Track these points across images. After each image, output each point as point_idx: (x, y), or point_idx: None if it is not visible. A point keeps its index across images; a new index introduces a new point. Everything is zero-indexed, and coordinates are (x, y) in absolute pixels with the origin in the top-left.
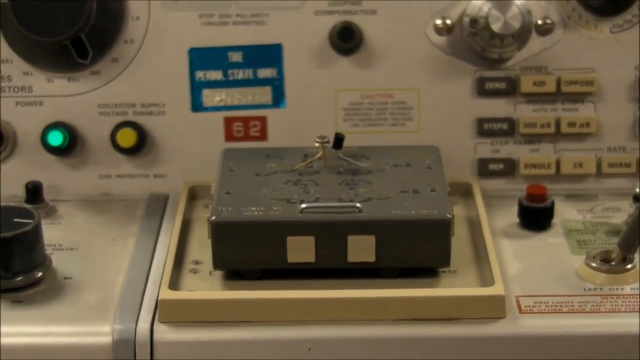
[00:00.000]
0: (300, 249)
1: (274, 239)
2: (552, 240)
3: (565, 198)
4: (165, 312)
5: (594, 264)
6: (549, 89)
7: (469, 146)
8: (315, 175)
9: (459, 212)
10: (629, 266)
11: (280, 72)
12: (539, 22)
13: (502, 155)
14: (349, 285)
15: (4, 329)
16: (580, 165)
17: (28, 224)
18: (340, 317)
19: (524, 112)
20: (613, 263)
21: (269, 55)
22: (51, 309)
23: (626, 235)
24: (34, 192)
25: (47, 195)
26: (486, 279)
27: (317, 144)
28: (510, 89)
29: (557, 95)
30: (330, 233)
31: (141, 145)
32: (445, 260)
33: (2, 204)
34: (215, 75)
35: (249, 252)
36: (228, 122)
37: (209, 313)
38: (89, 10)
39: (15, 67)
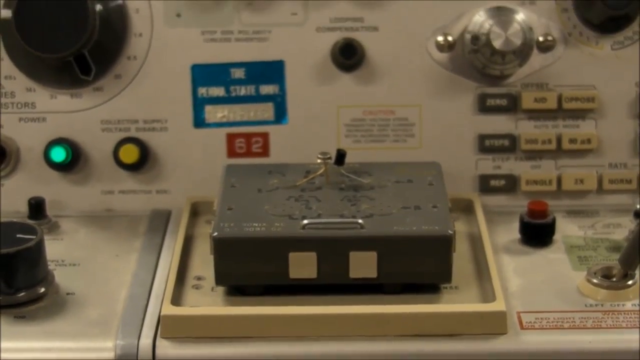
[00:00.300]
0: (302, 265)
1: (276, 254)
2: (553, 256)
3: (567, 214)
4: (167, 327)
5: (595, 280)
6: (550, 105)
7: (471, 162)
8: (317, 192)
9: (460, 228)
10: (629, 282)
11: (282, 89)
12: (540, 39)
13: (504, 171)
14: (350, 301)
15: (7, 344)
16: (582, 181)
17: (31, 239)
18: (342, 333)
19: (525, 129)
20: (614, 279)
21: (271, 71)
22: (54, 324)
23: (627, 251)
24: (36, 207)
25: (49, 211)
26: (487, 295)
27: (319, 160)
28: (512, 105)
29: (558, 112)
30: (332, 249)
31: (144, 161)
32: (446, 276)
33: (5, 220)
34: (218, 91)
35: (251, 268)
36: (230, 138)
37: (211, 329)
38: (92, 26)
39: (19, 83)
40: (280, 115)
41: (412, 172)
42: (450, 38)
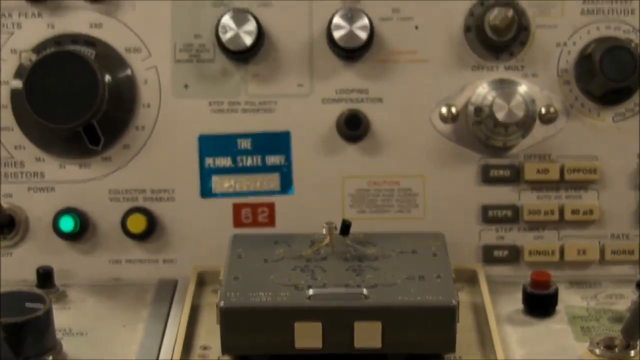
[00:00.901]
0: (308, 335)
1: (282, 324)
2: (556, 327)
3: (569, 285)
4: None
5: (597, 351)
6: (552, 176)
7: (474, 233)
8: (322, 262)
9: (464, 298)
10: (632, 353)
11: (288, 159)
12: (543, 110)
13: (507, 242)
14: None
15: None
16: (584, 252)
17: (39, 309)
18: None
19: (528, 200)
20: (616, 350)
21: (277, 142)
22: None
23: (629, 322)
24: (45, 277)
25: (58, 279)
26: None
27: (324, 230)
28: (515, 176)
29: (561, 183)
30: (337, 319)
31: (151, 230)
32: (450, 346)
33: (14, 289)
34: (225, 162)
35: (257, 338)
36: (237, 208)
37: None
38: (101, 98)
39: (28, 153)
40: (286, 185)
41: (416, 243)
42: (453, 110)
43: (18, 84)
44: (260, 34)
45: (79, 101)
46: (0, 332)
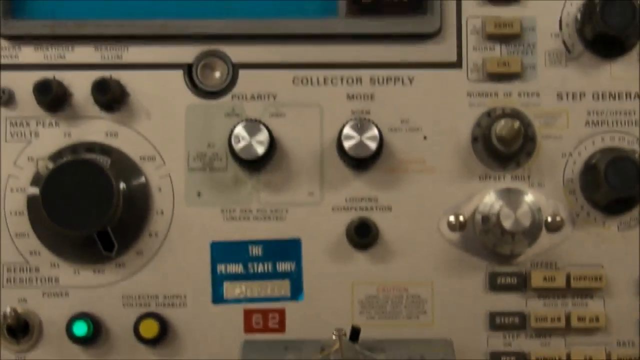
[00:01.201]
0: None
1: None
2: None
3: None
4: None
5: None
6: (558, 284)
7: (482, 339)
8: None
9: None
10: None
11: (298, 266)
12: (549, 219)
13: (514, 348)
14: None
15: None
16: (591, 359)
17: None
18: None
19: (535, 307)
20: None
21: (288, 249)
22: None
23: None
24: None
25: None
26: None
27: (334, 336)
28: (522, 283)
29: (567, 291)
30: None
31: (163, 336)
32: None
33: None
34: (236, 268)
35: None
36: (247, 314)
37: None
38: (115, 205)
39: (43, 259)
40: (296, 291)
41: (424, 349)
42: (461, 218)
43: (34, 190)
44: (272, 144)
45: (93, 208)
46: None
